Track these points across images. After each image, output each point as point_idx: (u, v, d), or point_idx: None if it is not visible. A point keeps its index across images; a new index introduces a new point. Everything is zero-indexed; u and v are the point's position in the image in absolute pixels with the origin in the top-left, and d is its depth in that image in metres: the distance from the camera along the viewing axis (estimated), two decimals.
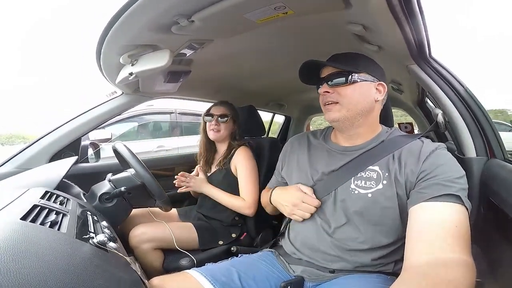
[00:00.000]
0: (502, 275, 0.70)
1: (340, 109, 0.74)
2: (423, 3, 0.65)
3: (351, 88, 0.73)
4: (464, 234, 0.57)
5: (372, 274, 0.73)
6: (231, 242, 1.27)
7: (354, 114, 0.74)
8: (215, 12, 0.65)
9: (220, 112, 1.34)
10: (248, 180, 1.26)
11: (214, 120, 1.33)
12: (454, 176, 0.63)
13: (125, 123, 3.76)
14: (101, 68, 1.03)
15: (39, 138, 1.21)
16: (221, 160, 1.34)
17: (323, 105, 0.78)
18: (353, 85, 0.73)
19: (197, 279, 0.74)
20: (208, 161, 1.41)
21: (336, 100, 0.75)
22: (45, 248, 0.43)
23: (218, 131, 1.33)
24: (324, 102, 0.77)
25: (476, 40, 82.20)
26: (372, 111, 0.77)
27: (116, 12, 0.66)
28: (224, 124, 1.34)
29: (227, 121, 1.34)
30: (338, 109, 0.75)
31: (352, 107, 0.74)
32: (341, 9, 0.67)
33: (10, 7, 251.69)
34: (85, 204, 0.84)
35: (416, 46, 0.81)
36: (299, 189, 0.80)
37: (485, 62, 42.37)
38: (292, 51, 1.11)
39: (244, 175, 1.27)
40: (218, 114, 1.34)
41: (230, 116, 1.35)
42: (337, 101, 0.75)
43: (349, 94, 0.73)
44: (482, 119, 0.83)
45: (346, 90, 0.74)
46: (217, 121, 1.33)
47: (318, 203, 0.77)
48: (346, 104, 0.74)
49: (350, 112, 0.74)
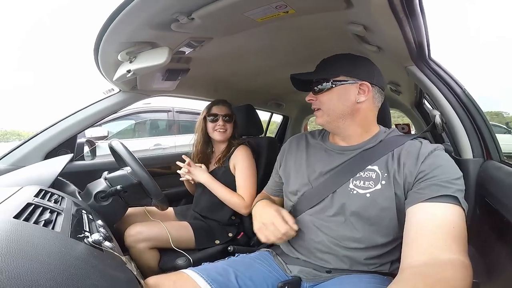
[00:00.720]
0: (498, 276, 0.71)
1: (322, 114, 0.79)
2: (425, 3, 0.65)
3: (327, 94, 0.77)
4: (461, 234, 0.57)
5: (368, 274, 0.73)
6: (228, 241, 1.27)
7: (334, 118, 0.78)
8: (215, 10, 0.64)
9: (224, 112, 1.34)
10: (247, 180, 1.26)
11: (220, 120, 1.32)
12: (452, 177, 0.63)
13: (122, 120, 3.74)
14: (98, 65, 1.02)
15: (34, 135, 1.20)
16: (221, 157, 1.33)
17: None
18: (329, 91, 0.77)
19: (193, 278, 0.74)
20: (204, 161, 1.39)
21: (318, 106, 0.79)
22: (39, 247, 0.42)
23: (224, 132, 1.33)
24: (312, 107, 0.82)
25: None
26: (357, 113, 0.77)
27: (116, 9, 0.65)
28: (229, 124, 1.34)
29: (231, 120, 1.34)
30: (321, 115, 0.80)
31: (331, 112, 0.77)
32: (343, 9, 0.67)
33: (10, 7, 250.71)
34: (80, 202, 0.83)
35: (415, 47, 0.81)
36: (279, 212, 0.78)
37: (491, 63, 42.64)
38: (292, 50, 1.10)
39: (243, 174, 1.26)
40: (223, 114, 1.33)
41: (233, 115, 1.36)
42: (319, 108, 0.79)
43: (326, 100, 0.77)
44: (480, 121, 0.84)
45: (323, 97, 0.78)
46: (223, 120, 1.33)
47: (286, 230, 0.73)
48: (326, 109, 0.78)
49: (330, 117, 0.78)
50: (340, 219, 0.74)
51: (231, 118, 1.35)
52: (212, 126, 1.33)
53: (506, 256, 0.66)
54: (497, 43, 50.29)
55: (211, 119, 1.34)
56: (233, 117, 1.36)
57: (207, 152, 1.41)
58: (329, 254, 0.76)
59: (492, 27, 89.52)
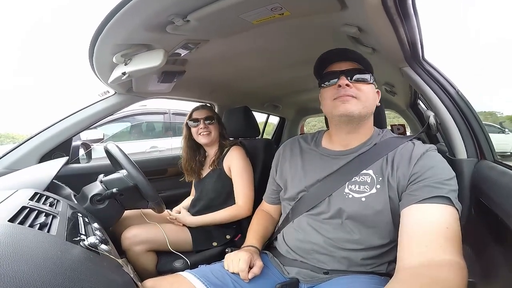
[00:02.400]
0: (493, 275, 0.71)
1: (357, 103, 0.74)
2: (418, 5, 0.67)
3: (369, 86, 0.77)
4: (455, 235, 0.58)
5: (365, 275, 0.73)
6: (225, 243, 1.26)
7: (367, 111, 0.76)
8: (211, 12, 0.65)
9: (205, 115, 1.32)
10: (244, 183, 1.25)
11: (201, 123, 1.31)
12: (444, 178, 0.64)
13: (118, 123, 3.72)
14: (93, 67, 1.01)
15: (29, 138, 1.19)
16: (214, 160, 1.33)
17: (336, 98, 0.75)
18: (370, 84, 0.77)
19: (190, 281, 0.74)
20: (195, 168, 1.38)
21: (355, 94, 0.74)
22: (35, 250, 0.42)
23: (208, 134, 1.31)
24: (340, 94, 0.74)
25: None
26: (371, 115, 0.80)
27: (111, 11, 0.65)
28: (212, 125, 1.33)
29: (214, 122, 1.33)
30: (356, 103, 0.74)
31: (368, 104, 0.76)
32: (337, 11, 0.68)
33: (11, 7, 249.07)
34: (76, 205, 0.83)
35: (409, 48, 0.83)
36: (250, 259, 0.78)
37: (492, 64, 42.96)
38: (287, 52, 1.11)
39: (238, 175, 1.26)
40: (203, 117, 1.32)
41: (215, 117, 1.35)
42: (355, 96, 0.74)
43: (367, 91, 0.76)
44: (473, 121, 0.85)
45: (365, 87, 0.76)
46: (205, 123, 1.31)
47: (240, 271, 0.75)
48: (364, 100, 0.75)
49: (366, 109, 0.75)
50: (337, 222, 0.75)
51: (212, 119, 1.33)
52: (196, 131, 1.33)
53: (501, 255, 0.67)
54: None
55: (193, 124, 1.33)
56: (214, 118, 1.34)
57: (197, 158, 1.40)
58: (326, 256, 0.76)
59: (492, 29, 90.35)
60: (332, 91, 0.76)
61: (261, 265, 0.79)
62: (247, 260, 0.77)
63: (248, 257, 0.78)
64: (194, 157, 1.39)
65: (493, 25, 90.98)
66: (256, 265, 0.78)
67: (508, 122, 5.24)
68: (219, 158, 1.32)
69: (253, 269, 0.77)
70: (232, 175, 1.28)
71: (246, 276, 0.75)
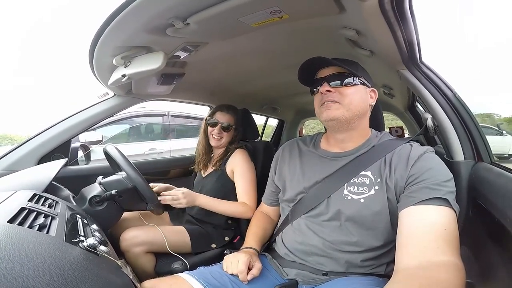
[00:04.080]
0: (491, 275, 0.72)
1: (339, 107, 0.75)
2: (415, 8, 0.67)
3: (352, 89, 0.76)
4: (452, 236, 0.58)
5: (364, 276, 0.74)
6: (224, 245, 1.26)
7: (352, 115, 0.76)
8: (210, 15, 0.65)
9: (224, 121, 1.31)
10: (248, 184, 1.25)
11: (218, 128, 1.31)
12: (442, 180, 0.64)
13: (117, 125, 3.72)
14: (93, 69, 1.02)
15: (28, 140, 1.18)
16: (217, 161, 1.33)
17: (321, 104, 0.77)
18: (354, 87, 0.76)
19: (189, 282, 0.74)
20: (203, 161, 1.39)
21: (337, 99, 0.75)
22: (34, 252, 0.42)
23: (219, 139, 1.32)
24: (324, 100, 0.76)
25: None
26: (365, 115, 0.81)
27: (111, 13, 0.65)
28: (227, 133, 1.32)
29: (230, 130, 1.33)
30: (337, 108, 0.75)
31: (352, 107, 0.75)
32: (336, 14, 0.69)
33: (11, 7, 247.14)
34: (75, 207, 0.83)
35: (407, 51, 0.83)
36: (249, 260, 0.79)
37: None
38: (286, 55, 1.12)
39: (243, 179, 1.25)
40: (223, 122, 1.31)
41: (234, 126, 1.34)
42: (337, 101, 0.75)
43: (350, 94, 0.75)
44: (470, 123, 0.86)
45: (347, 90, 0.76)
46: (220, 129, 1.31)
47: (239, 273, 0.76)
48: (347, 104, 0.75)
49: (349, 112, 0.75)
50: (336, 224, 0.75)
51: (229, 128, 1.32)
52: (210, 130, 1.33)
53: (498, 255, 0.68)
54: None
55: (210, 123, 1.33)
56: (232, 126, 1.33)
57: (209, 154, 1.40)
58: (325, 257, 0.76)
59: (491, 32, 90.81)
60: (318, 97, 0.79)
61: (260, 267, 0.79)
62: (246, 262, 0.77)
63: (247, 259, 0.78)
64: (206, 151, 1.39)
65: (491, 28, 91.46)
66: (255, 267, 0.78)
67: (505, 124, 5.26)
68: (222, 160, 1.32)
69: (252, 271, 0.77)
70: (236, 177, 1.27)
71: (245, 277, 0.75)
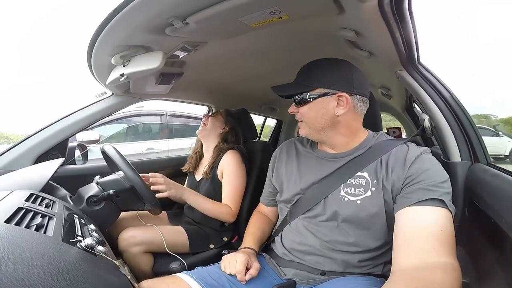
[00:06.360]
0: (487, 276, 0.72)
1: (305, 126, 0.80)
2: (414, 9, 0.68)
3: (306, 107, 0.77)
4: (448, 237, 0.59)
5: (362, 276, 0.74)
6: (222, 245, 1.26)
7: (316, 130, 0.78)
8: (210, 15, 0.65)
9: (214, 111, 1.34)
10: (234, 188, 1.24)
11: (204, 117, 1.34)
12: (438, 181, 0.65)
13: (114, 124, 3.70)
14: (91, 68, 1.01)
15: (24, 139, 1.17)
16: (209, 164, 1.32)
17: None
18: (308, 104, 0.76)
19: (187, 282, 0.74)
20: (197, 164, 1.39)
21: (300, 118, 0.79)
22: (31, 252, 0.41)
23: (204, 125, 1.34)
24: (295, 119, 0.82)
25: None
26: (338, 124, 0.76)
27: (110, 12, 0.65)
28: (211, 118, 1.33)
29: (215, 115, 1.34)
30: (304, 126, 0.80)
31: (311, 124, 0.78)
32: (335, 15, 0.69)
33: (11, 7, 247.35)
34: (72, 207, 0.82)
35: (405, 52, 0.84)
36: (247, 260, 0.79)
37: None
38: (285, 55, 1.12)
39: (230, 182, 1.25)
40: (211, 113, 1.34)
41: (222, 115, 1.35)
42: (302, 119, 0.79)
43: (305, 113, 0.77)
44: (467, 124, 0.86)
45: (303, 109, 0.77)
46: (206, 116, 1.34)
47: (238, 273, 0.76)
48: (307, 121, 0.78)
49: (312, 129, 0.78)
50: (333, 225, 0.75)
51: (214, 113, 1.35)
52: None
53: (494, 256, 0.68)
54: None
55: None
56: (218, 114, 1.37)
57: (198, 153, 1.42)
58: (323, 257, 0.76)
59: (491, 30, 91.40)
60: None
61: (258, 267, 0.79)
62: (244, 262, 0.77)
63: (245, 259, 0.78)
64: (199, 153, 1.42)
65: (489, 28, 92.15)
66: (253, 267, 0.78)
67: (502, 125, 5.30)
68: (214, 163, 1.31)
69: (250, 271, 0.77)
70: (224, 179, 1.27)
71: (243, 277, 0.75)
